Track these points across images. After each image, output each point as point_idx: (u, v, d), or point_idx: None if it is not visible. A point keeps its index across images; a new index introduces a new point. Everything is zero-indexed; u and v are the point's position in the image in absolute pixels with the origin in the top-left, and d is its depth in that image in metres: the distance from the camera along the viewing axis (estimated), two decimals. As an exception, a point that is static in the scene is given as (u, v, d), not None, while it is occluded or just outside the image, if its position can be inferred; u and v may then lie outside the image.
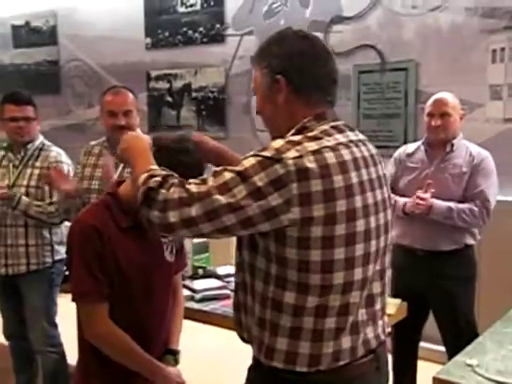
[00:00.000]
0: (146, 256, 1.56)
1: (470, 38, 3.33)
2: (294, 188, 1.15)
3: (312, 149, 1.18)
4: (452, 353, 2.15)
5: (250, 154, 1.20)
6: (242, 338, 1.38)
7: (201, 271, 2.65)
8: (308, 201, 1.15)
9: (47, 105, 5.10)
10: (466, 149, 2.60)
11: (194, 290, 2.42)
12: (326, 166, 1.17)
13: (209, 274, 2.61)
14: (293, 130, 1.26)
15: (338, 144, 1.23)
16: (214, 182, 1.18)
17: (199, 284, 2.47)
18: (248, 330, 1.33)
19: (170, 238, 1.58)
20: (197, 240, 2.72)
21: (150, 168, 1.27)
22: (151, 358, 1.57)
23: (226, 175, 1.18)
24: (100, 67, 5.03)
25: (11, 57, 5.62)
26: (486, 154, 2.60)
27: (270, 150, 1.18)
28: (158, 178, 1.22)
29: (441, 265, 2.58)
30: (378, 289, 1.31)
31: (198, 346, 3.27)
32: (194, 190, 1.18)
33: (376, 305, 1.32)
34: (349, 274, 1.22)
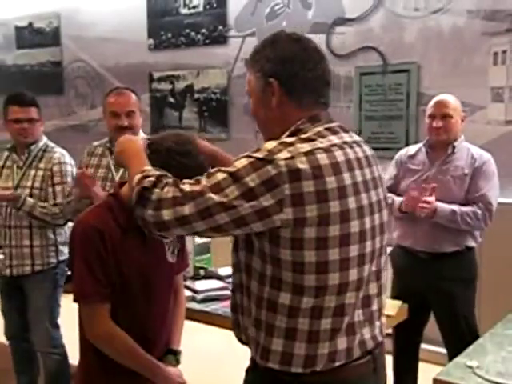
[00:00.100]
0: (148, 257, 1.57)
1: (471, 40, 3.33)
2: (286, 188, 1.15)
3: (304, 150, 1.19)
4: (453, 354, 2.14)
5: (243, 155, 1.21)
6: (239, 340, 1.39)
7: (202, 272, 2.65)
8: (300, 201, 1.16)
9: (50, 105, 5.13)
10: (468, 151, 2.60)
11: (195, 291, 2.42)
12: (318, 166, 1.17)
13: (210, 275, 2.62)
14: (287, 133, 1.26)
15: (332, 145, 1.23)
16: (207, 182, 1.19)
17: (201, 285, 2.47)
18: (245, 332, 1.33)
19: (169, 237, 1.57)
20: (198, 241, 2.73)
21: (144, 169, 1.29)
22: (152, 358, 1.57)
23: (219, 176, 1.19)
24: (103, 68, 5.04)
25: (14, 58, 5.63)
26: (487, 156, 2.59)
27: (262, 151, 1.19)
28: (152, 178, 1.24)
29: (442, 267, 2.58)
30: (374, 290, 1.32)
31: (199, 346, 3.27)
32: (187, 190, 1.20)
33: (373, 306, 1.32)
34: (344, 274, 1.22)
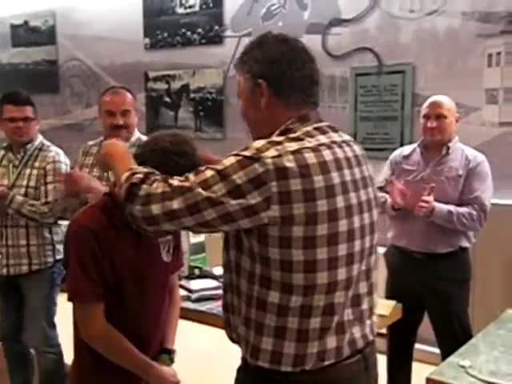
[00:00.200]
0: (142, 256, 1.57)
1: (466, 42, 3.35)
2: (273, 186, 1.16)
3: (292, 149, 1.20)
4: (446, 354, 2.15)
5: (231, 153, 1.22)
6: (230, 339, 1.39)
7: (197, 271, 2.65)
8: (288, 199, 1.16)
9: (45, 104, 5.12)
10: (462, 152, 2.61)
11: (190, 290, 2.42)
12: (305, 165, 1.18)
13: (205, 275, 2.62)
14: (277, 132, 1.27)
15: (320, 145, 1.24)
16: (196, 179, 1.21)
17: (195, 284, 2.47)
18: (236, 331, 1.34)
19: (159, 235, 1.57)
20: (193, 240, 2.73)
21: (132, 167, 1.31)
22: (146, 358, 1.57)
23: (207, 173, 1.20)
24: (98, 67, 5.03)
25: (10, 56, 5.62)
26: (481, 157, 2.60)
27: (250, 150, 1.20)
28: (140, 175, 1.26)
29: (436, 267, 2.59)
30: (364, 289, 1.32)
31: (194, 345, 3.27)
32: (176, 184, 1.22)
33: (363, 305, 1.32)
34: (332, 273, 1.22)
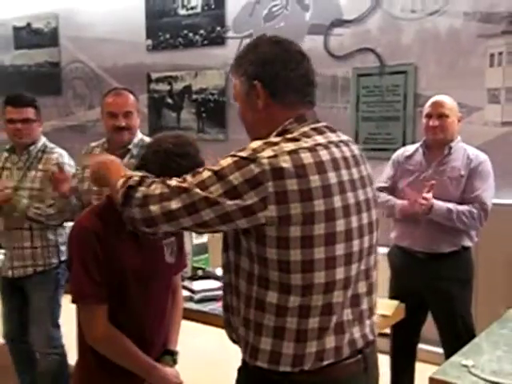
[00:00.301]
0: (145, 257, 1.57)
1: (468, 42, 3.35)
2: (269, 186, 1.17)
3: (288, 149, 1.20)
4: (449, 353, 2.14)
5: (229, 154, 1.23)
6: (231, 339, 1.39)
7: (200, 272, 2.66)
8: (284, 199, 1.17)
9: (48, 106, 5.12)
10: (464, 151, 2.61)
11: (192, 291, 2.43)
12: (301, 165, 1.19)
13: (208, 275, 2.62)
14: (274, 133, 1.28)
15: (316, 145, 1.24)
16: (193, 180, 1.22)
17: (198, 285, 2.48)
18: (236, 331, 1.34)
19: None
20: (196, 241, 2.74)
21: (126, 174, 1.32)
22: (149, 359, 1.58)
23: (204, 174, 1.21)
24: (101, 69, 5.04)
25: (12, 58, 5.63)
26: (483, 156, 2.61)
27: (246, 150, 1.21)
28: (136, 178, 1.27)
29: (439, 266, 2.59)
30: (363, 289, 1.32)
31: (197, 346, 3.28)
32: (174, 185, 1.23)
33: (362, 305, 1.32)
34: (330, 273, 1.22)
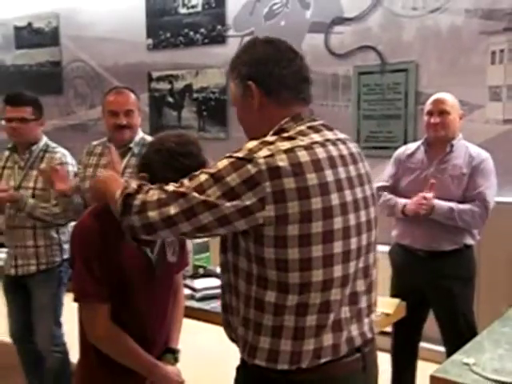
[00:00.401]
0: (147, 256, 1.57)
1: (469, 39, 3.34)
2: (267, 186, 1.17)
3: (284, 148, 1.20)
4: (451, 351, 2.14)
5: (225, 155, 1.23)
6: (230, 339, 1.40)
7: (201, 270, 2.66)
8: (282, 198, 1.17)
9: (49, 105, 5.11)
10: (466, 149, 2.60)
11: (194, 289, 2.43)
12: (298, 164, 1.19)
13: (209, 274, 2.62)
14: (271, 132, 1.28)
15: (313, 143, 1.24)
16: (190, 184, 1.22)
17: (199, 283, 2.48)
18: (235, 331, 1.34)
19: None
20: (197, 240, 2.73)
21: (124, 185, 1.32)
22: (151, 357, 1.58)
23: (202, 177, 1.21)
24: (102, 68, 5.04)
25: (13, 58, 5.64)
26: (485, 154, 2.60)
27: (243, 151, 1.21)
28: (134, 186, 1.28)
29: (441, 265, 2.59)
30: (362, 287, 1.32)
31: (198, 344, 3.28)
32: (171, 191, 1.23)
33: (360, 303, 1.32)
34: (328, 271, 1.22)
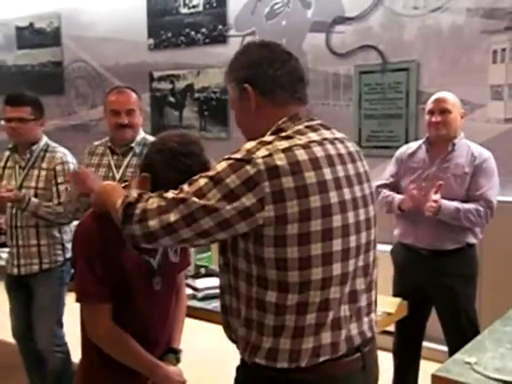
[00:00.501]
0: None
1: (471, 38, 3.34)
2: (266, 187, 1.17)
3: (282, 147, 1.21)
4: (454, 350, 2.15)
5: (223, 158, 1.23)
6: (230, 339, 1.40)
7: (203, 270, 2.66)
8: (281, 198, 1.17)
9: (51, 105, 5.12)
10: (468, 148, 2.60)
11: (196, 289, 2.43)
12: (296, 162, 1.19)
13: (211, 273, 2.62)
14: (268, 132, 1.28)
15: (310, 142, 1.25)
16: (190, 189, 1.22)
17: (201, 283, 2.48)
18: (235, 332, 1.34)
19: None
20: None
21: (124, 193, 1.33)
22: (152, 358, 1.58)
23: (201, 181, 1.21)
24: (103, 68, 5.05)
25: (15, 58, 5.65)
26: (487, 153, 2.59)
27: (241, 152, 1.21)
28: (134, 195, 1.28)
29: (443, 263, 2.58)
30: (361, 285, 1.32)
31: (200, 344, 3.28)
32: (170, 197, 1.23)
33: (360, 301, 1.32)
34: (327, 269, 1.23)
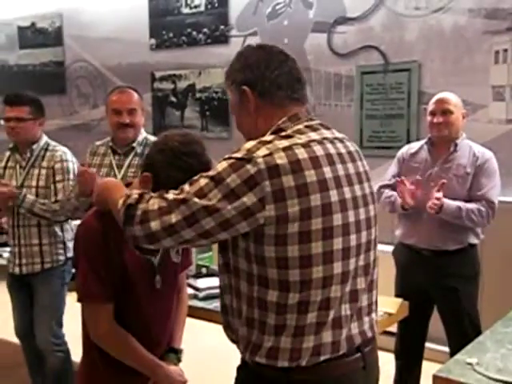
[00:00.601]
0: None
1: (472, 39, 3.34)
2: (266, 186, 1.17)
3: (282, 146, 1.21)
4: (456, 350, 2.14)
5: (224, 157, 1.23)
6: (231, 340, 1.40)
7: (204, 270, 2.66)
8: (282, 197, 1.18)
9: (52, 105, 5.14)
10: (470, 148, 2.60)
11: (197, 289, 2.43)
12: (296, 161, 1.19)
13: (212, 273, 2.62)
14: (269, 132, 1.29)
15: (310, 141, 1.25)
16: (190, 189, 1.22)
17: (202, 282, 2.48)
18: (236, 332, 1.34)
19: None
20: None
21: (126, 193, 1.33)
22: (154, 357, 1.58)
23: (202, 181, 1.21)
24: (105, 68, 5.06)
25: (17, 58, 5.66)
26: (489, 154, 2.59)
27: (241, 151, 1.22)
28: (135, 195, 1.28)
29: (445, 263, 2.58)
30: (362, 284, 1.32)
31: (201, 344, 3.28)
32: (171, 198, 1.22)
33: (361, 301, 1.32)
34: (327, 268, 1.23)
